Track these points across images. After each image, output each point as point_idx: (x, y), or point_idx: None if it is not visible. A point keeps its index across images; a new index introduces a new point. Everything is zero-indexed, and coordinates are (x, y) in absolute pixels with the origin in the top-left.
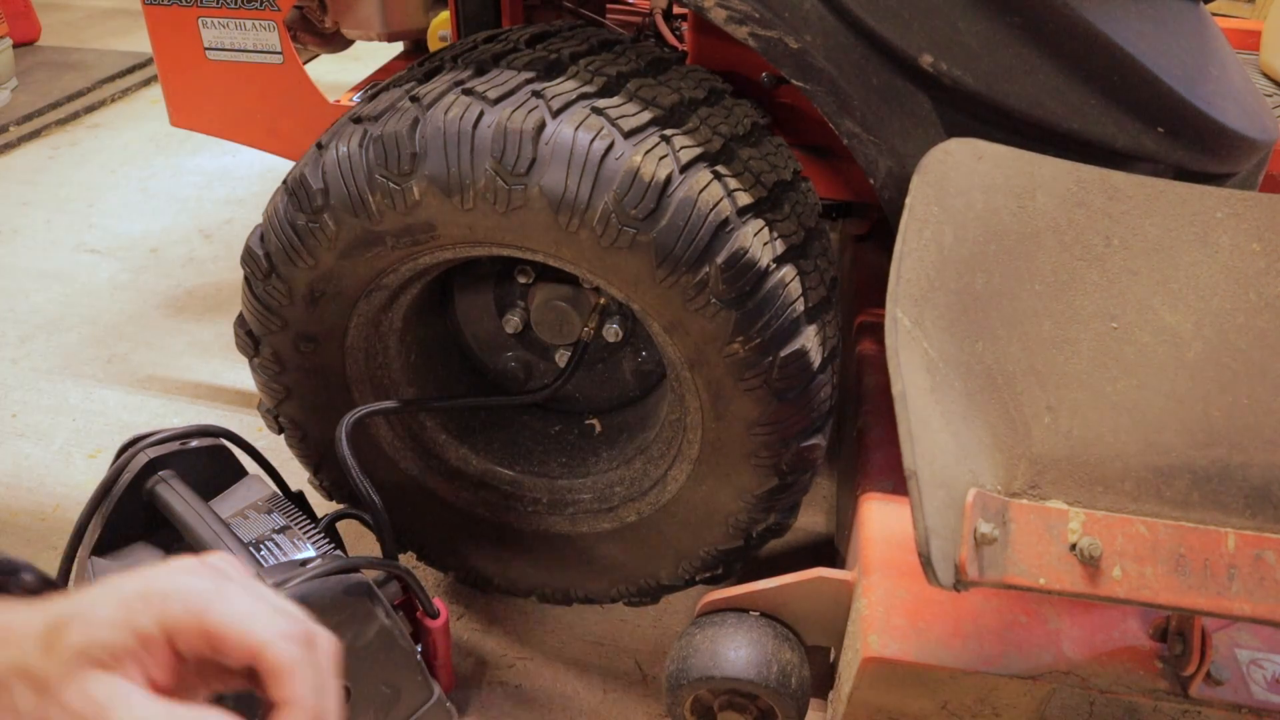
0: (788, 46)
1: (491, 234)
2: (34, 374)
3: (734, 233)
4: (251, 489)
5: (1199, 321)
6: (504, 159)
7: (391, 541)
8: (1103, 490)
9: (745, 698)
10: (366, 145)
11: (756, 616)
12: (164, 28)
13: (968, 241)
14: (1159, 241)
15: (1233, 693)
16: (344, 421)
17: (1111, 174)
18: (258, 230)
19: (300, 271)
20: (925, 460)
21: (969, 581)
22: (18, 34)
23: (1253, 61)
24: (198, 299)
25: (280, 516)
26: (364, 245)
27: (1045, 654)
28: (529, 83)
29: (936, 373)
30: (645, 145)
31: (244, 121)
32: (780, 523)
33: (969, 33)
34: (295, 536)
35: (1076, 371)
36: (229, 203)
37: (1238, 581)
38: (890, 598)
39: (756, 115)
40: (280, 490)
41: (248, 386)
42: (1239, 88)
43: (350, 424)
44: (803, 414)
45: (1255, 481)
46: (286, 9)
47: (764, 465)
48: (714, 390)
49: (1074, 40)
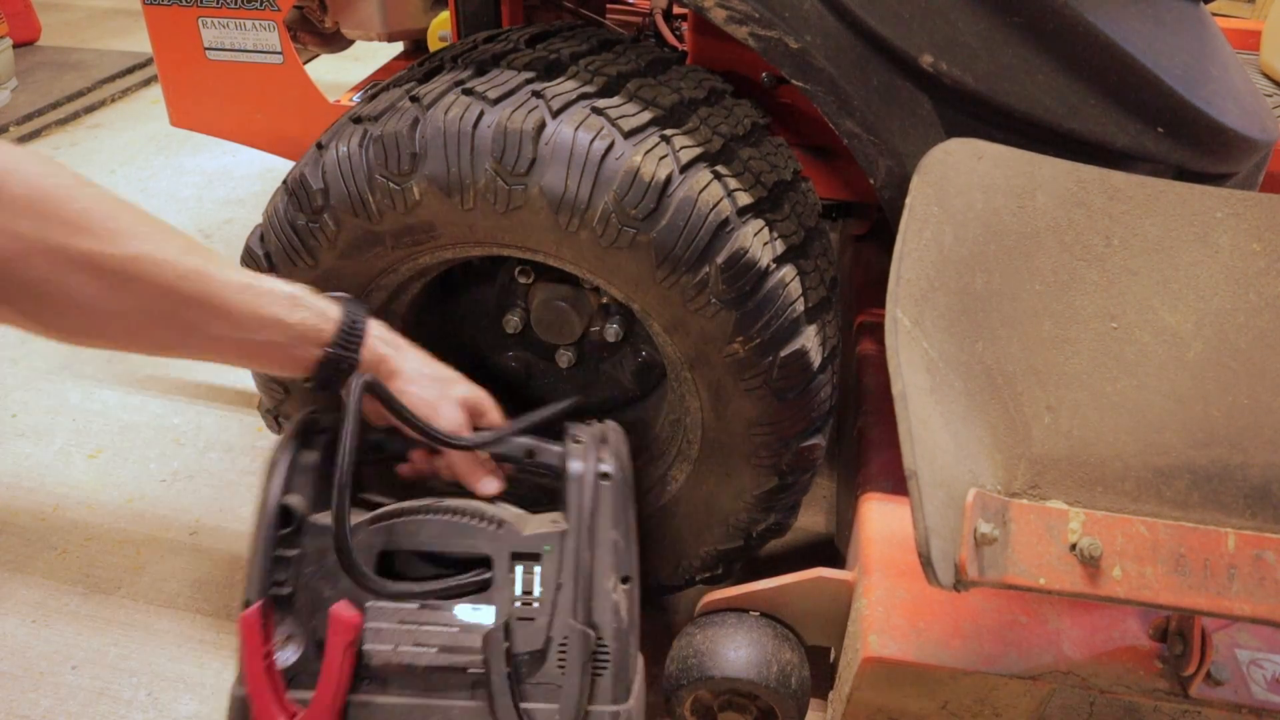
0: (788, 46)
1: (491, 234)
2: (34, 374)
3: (734, 233)
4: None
5: (1199, 321)
6: (504, 159)
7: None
8: (1103, 490)
9: (745, 698)
10: (366, 145)
11: (756, 616)
12: (164, 28)
13: (968, 241)
14: (1159, 241)
15: (1233, 693)
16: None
17: (1111, 174)
18: (258, 230)
19: (300, 271)
20: (925, 460)
21: (969, 581)
22: (18, 34)
23: (1253, 61)
24: None
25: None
26: (364, 245)
27: (1045, 654)
28: (529, 83)
29: (936, 373)
30: (645, 145)
31: (244, 121)
32: (780, 523)
33: (969, 33)
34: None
35: (1076, 371)
36: (229, 203)
37: (1238, 581)
38: (890, 598)
39: (756, 115)
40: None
41: (248, 386)
42: (1239, 88)
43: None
44: (803, 414)
45: (1255, 481)
46: (286, 9)
47: (764, 465)
48: (714, 390)
49: (1074, 40)
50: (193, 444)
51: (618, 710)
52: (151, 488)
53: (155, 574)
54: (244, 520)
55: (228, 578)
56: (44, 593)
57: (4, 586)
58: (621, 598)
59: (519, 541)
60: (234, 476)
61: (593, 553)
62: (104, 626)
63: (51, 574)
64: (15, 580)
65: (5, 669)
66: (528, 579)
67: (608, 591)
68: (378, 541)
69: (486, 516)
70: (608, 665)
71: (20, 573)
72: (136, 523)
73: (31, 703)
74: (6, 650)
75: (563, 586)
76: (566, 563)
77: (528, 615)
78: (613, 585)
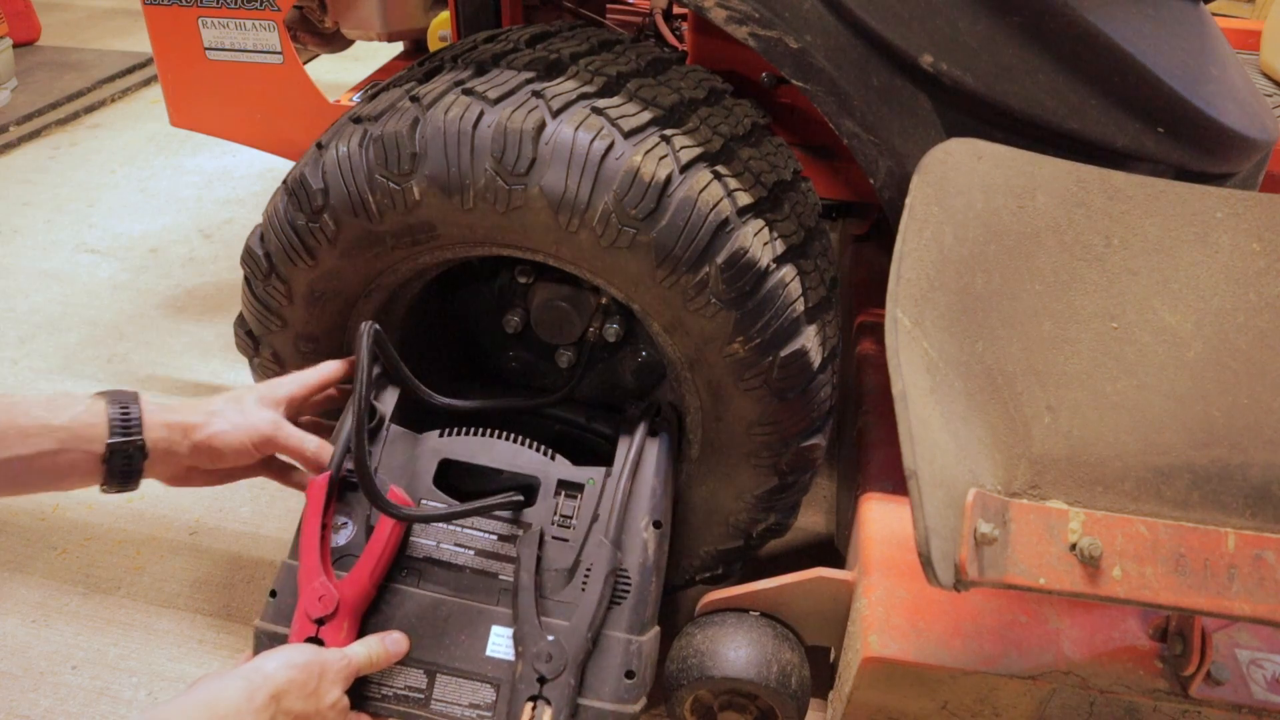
0: (788, 46)
1: (491, 234)
2: (34, 374)
3: (734, 233)
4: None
5: (1199, 321)
6: (504, 159)
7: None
8: (1103, 490)
9: (745, 698)
10: (366, 145)
11: (756, 616)
12: (164, 28)
13: (968, 241)
14: (1159, 241)
15: (1233, 693)
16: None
17: (1111, 174)
18: (258, 230)
19: (300, 271)
20: (925, 460)
21: (969, 581)
22: (18, 34)
23: (1253, 61)
24: (198, 299)
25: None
26: (364, 245)
27: (1045, 654)
28: (529, 83)
29: (936, 373)
30: (645, 145)
31: (244, 121)
32: (780, 523)
33: (969, 33)
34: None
35: (1076, 371)
36: (229, 203)
37: (1238, 581)
38: (890, 598)
39: (756, 115)
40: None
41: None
42: (1239, 88)
43: (371, 331)
44: (803, 414)
45: (1255, 481)
46: (286, 9)
47: (764, 465)
48: (714, 390)
49: (1074, 40)
50: None
51: (630, 639)
52: (151, 488)
53: (155, 574)
54: (244, 520)
55: (227, 578)
56: (44, 593)
57: (4, 586)
58: (651, 538)
59: (567, 471)
60: None
61: (631, 492)
62: (104, 626)
63: (51, 574)
64: (15, 580)
65: (5, 669)
66: (569, 504)
67: (639, 530)
68: (443, 449)
69: (542, 449)
70: (628, 594)
71: (20, 573)
72: (136, 523)
73: (31, 703)
74: (6, 650)
75: (599, 519)
76: (606, 497)
77: (562, 536)
78: (645, 525)
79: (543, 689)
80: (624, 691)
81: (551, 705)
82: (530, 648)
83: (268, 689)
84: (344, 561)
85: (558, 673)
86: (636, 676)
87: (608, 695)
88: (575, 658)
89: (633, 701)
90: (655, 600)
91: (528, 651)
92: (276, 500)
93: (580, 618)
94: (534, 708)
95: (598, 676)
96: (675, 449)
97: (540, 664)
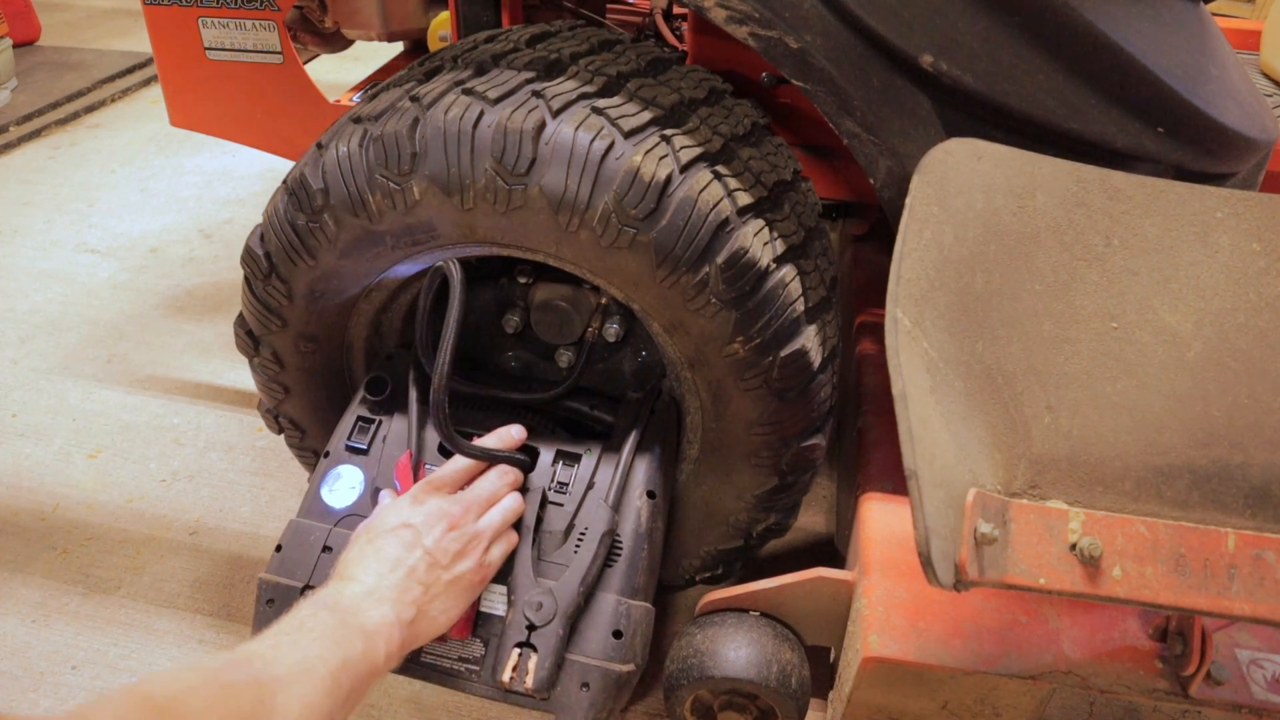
0: (788, 46)
1: (491, 234)
2: (34, 374)
3: (734, 233)
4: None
5: (1199, 321)
6: (504, 159)
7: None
8: (1103, 490)
9: (745, 698)
10: (366, 145)
11: (756, 616)
12: (164, 28)
13: (968, 241)
14: (1159, 241)
15: (1233, 693)
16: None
17: (1111, 174)
18: (258, 230)
19: (300, 271)
20: (925, 460)
21: (969, 581)
22: (18, 34)
23: (1253, 61)
24: (198, 299)
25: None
26: (364, 245)
27: (1045, 654)
28: (529, 83)
29: (936, 373)
30: (645, 145)
31: (244, 121)
32: (780, 523)
33: (969, 33)
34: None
35: (1076, 371)
36: (229, 203)
37: (1238, 581)
38: (890, 598)
39: (756, 115)
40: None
41: (248, 386)
42: (1239, 88)
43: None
44: (803, 414)
45: (1255, 481)
46: (286, 9)
47: (764, 465)
48: (714, 390)
49: (1074, 40)
50: (193, 444)
51: (620, 600)
52: (151, 488)
53: (155, 574)
54: (244, 520)
55: (227, 578)
56: (44, 593)
57: (4, 586)
58: (644, 506)
59: (566, 441)
60: (234, 476)
61: (627, 462)
62: (104, 626)
63: (51, 574)
64: (15, 580)
65: (5, 669)
66: (566, 472)
67: (633, 498)
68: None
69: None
70: (619, 558)
71: (20, 573)
72: (136, 523)
73: (31, 703)
74: (6, 650)
75: (595, 486)
76: (603, 467)
77: (558, 501)
78: (639, 495)
79: (530, 636)
80: (611, 650)
81: (538, 652)
82: (522, 596)
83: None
84: (348, 521)
85: (547, 621)
86: (624, 637)
87: (594, 652)
88: (566, 610)
89: (619, 662)
90: (648, 570)
91: (519, 600)
92: (277, 500)
93: (573, 572)
94: (520, 654)
95: (586, 634)
96: (674, 430)
97: (530, 611)
